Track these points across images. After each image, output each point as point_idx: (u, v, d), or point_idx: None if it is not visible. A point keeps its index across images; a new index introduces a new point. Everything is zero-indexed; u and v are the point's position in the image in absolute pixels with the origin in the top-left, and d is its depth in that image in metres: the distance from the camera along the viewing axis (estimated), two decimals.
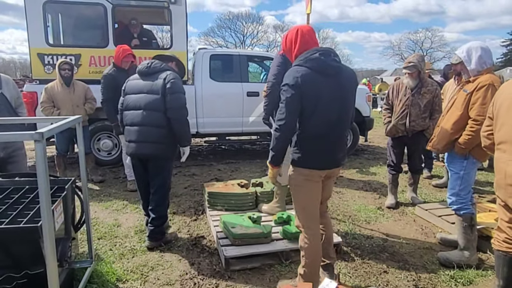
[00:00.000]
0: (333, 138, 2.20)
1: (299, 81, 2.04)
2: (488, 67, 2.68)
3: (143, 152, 2.92)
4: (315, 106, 2.09)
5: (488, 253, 3.01)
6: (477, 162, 2.77)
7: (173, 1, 5.44)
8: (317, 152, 2.18)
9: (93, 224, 3.47)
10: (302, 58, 2.12)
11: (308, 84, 2.05)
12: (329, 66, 2.11)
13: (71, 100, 4.54)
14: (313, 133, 2.15)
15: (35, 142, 1.62)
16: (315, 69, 2.08)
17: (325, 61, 2.09)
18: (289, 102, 2.06)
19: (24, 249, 1.91)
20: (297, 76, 2.05)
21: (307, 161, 2.19)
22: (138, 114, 2.88)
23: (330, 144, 2.20)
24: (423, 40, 49.98)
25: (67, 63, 4.56)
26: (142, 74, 2.96)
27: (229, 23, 47.67)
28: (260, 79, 6.95)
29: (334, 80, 2.13)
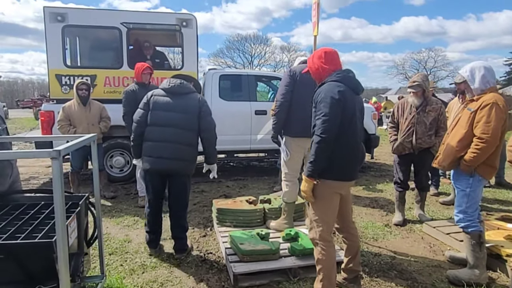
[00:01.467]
0: (357, 151, 2.41)
1: (342, 95, 2.23)
2: (492, 86, 2.72)
3: (171, 168, 3.00)
4: (350, 120, 2.29)
5: (498, 271, 2.97)
6: (483, 180, 2.78)
7: (185, 24, 5.65)
8: (347, 164, 2.34)
9: (105, 239, 3.54)
10: (340, 75, 2.34)
11: (347, 99, 2.26)
12: (360, 87, 2.40)
13: (86, 119, 4.70)
14: (346, 146, 2.30)
15: (52, 160, 1.65)
16: (350, 86, 2.32)
17: (355, 80, 2.39)
18: (334, 114, 2.20)
19: (38, 264, 1.92)
20: (340, 90, 2.25)
21: (338, 173, 2.32)
22: (170, 131, 2.96)
23: (355, 156, 2.39)
24: (427, 60, 50.36)
25: (85, 83, 4.76)
26: (172, 92, 3.04)
27: (237, 44, 48.76)
28: (268, 98, 7.08)
29: (358, 98, 2.41)
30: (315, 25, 4.29)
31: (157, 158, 2.99)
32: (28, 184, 6.06)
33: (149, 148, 3.03)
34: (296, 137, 3.39)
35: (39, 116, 5.48)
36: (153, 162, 3.01)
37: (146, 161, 3.05)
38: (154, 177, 3.08)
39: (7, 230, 2.07)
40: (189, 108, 3.01)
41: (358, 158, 2.42)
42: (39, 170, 7.26)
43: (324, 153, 2.22)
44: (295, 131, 3.36)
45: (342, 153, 2.29)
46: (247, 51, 49.07)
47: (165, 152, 2.97)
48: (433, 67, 50.12)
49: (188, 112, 3.00)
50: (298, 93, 3.35)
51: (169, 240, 3.34)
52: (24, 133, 12.08)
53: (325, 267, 2.33)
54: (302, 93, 3.31)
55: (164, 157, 2.97)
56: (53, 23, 5.28)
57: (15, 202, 2.47)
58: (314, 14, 4.34)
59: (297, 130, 3.35)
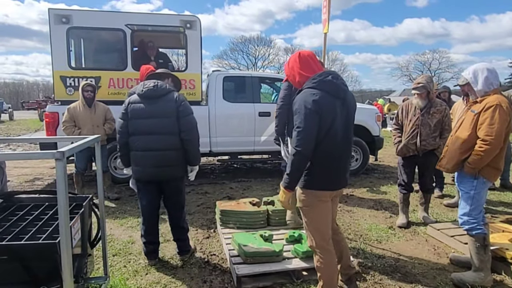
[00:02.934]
0: (343, 158, 2.26)
1: (317, 104, 2.07)
2: (495, 88, 2.70)
3: (163, 175, 2.93)
4: (329, 128, 2.13)
5: (503, 274, 2.95)
6: (488, 182, 2.75)
7: (189, 26, 5.67)
8: (329, 173, 2.22)
9: (108, 240, 3.55)
10: (315, 80, 2.16)
11: (325, 107, 2.10)
12: (341, 89, 2.19)
13: (91, 120, 4.73)
14: (326, 155, 2.17)
15: (56, 161, 1.66)
16: (328, 91, 2.14)
17: (336, 84, 2.17)
18: (308, 124, 2.07)
19: (42, 265, 1.94)
20: (315, 99, 2.08)
21: (320, 183, 2.22)
22: (154, 139, 2.85)
23: (341, 164, 2.25)
24: (431, 61, 50.27)
25: (90, 85, 4.77)
26: (147, 97, 2.89)
27: (241, 46, 48.94)
28: (272, 100, 7.07)
29: (343, 102, 2.21)
30: (325, 23, 4.23)
31: (146, 168, 2.91)
32: (33, 185, 6.10)
33: (136, 157, 2.94)
34: None
35: (44, 117, 5.52)
36: (143, 172, 2.93)
37: (136, 171, 2.97)
38: (146, 185, 3.00)
39: (11, 231, 2.08)
40: (167, 111, 2.86)
41: (343, 166, 2.27)
42: (43, 171, 7.30)
43: (300, 165, 2.14)
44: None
45: (323, 162, 2.19)
46: (250, 53, 49.29)
47: (152, 161, 2.87)
48: (437, 69, 50.11)
49: (167, 115, 2.86)
50: None
51: (172, 242, 3.34)
52: (28, 134, 12.17)
53: (325, 275, 2.29)
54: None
55: (153, 166, 2.88)
56: (58, 25, 5.32)
57: (20, 203, 2.49)
58: (325, 11, 4.28)
59: None
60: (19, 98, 54.03)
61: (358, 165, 6.68)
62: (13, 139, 3.04)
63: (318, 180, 2.21)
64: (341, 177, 2.29)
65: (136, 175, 3.01)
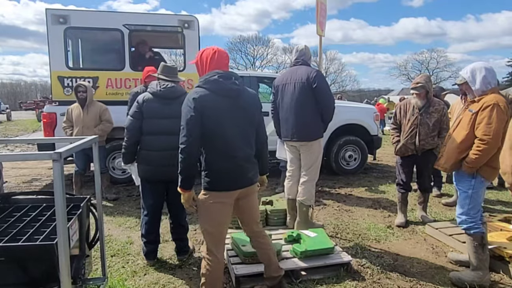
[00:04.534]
0: (239, 158, 2.20)
1: (197, 103, 2.09)
2: (493, 87, 2.71)
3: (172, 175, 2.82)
4: (215, 127, 2.13)
5: (501, 273, 2.96)
6: (485, 181, 2.76)
7: (187, 26, 5.66)
8: (224, 174, 2.18)
9: (107, 241, 3.55)
10: (202, 79, 2.19)
11: (207, 105, 2.10)
12: (227, 88, 2.17)
13: (82, 121, 4.68)
14: (216, 154, 2.17)
15: (53, 162, 1.65)
16: (213, 90, 2.14)
17: (223, 83, 2.15)
18: (189, 123, 2.09)
19: (40, 266, 1.92)
20: (195, 97, 2.11)
21: (215, 184, 2.19)
22: (167, 139, 2.84)
23: (237, 164, 2.20)
24: (429, 61, 50.41)
25: (82, 85, 4.73)
26: (164, 97, 2.92)
27: (239, 45, 48.98)
28: (270, 100, 7.07)
29: (234, 101, 2.20)
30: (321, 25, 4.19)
31: (159, 167, 2.91)
32: (30, 186, 6.08)
33: (149, 157, 2.93)
34: (284, 139, 3.75)
35: (42, 118, 5.50)
36: (155, 171, 2.93)
37: (146, 170, 2.96)
38: (155, 185, 3.00)
39: (8, 232, 2.07)
40: None
41: (240, 165, 2.21)
42: (41, 171, 7.29)
43: (187, 163, 2.12)
44: (282, 135, 3.75)
45: (214, 162, 2.17)
46: (249, 52, 49.34)
47: (164, 160, 2.88)
48: (435, 68, 50.20)
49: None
50: (280, 100, 3.69)
51: (171, 242, 3.34)
52: (26, 134, 12.14)
53: (208, 282, 2.24)
54: (282, 99, 3.66)
55: (165, 165, 2.88)
56: (56, 25, 5.30)
57: (17, 204, 2.48)
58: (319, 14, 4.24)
59: (283, 134, 3.74)
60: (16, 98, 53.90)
61: (356, 165, 6.69)
62: (10, 139, 3.03)
63: (214, 181, 2.18)
64: (238, 177, 2.22)
65: (146, 175, 2.99)
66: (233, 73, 2.27)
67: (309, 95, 3.45)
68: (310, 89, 3.44)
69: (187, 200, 2.23)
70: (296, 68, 3.61)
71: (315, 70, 3.53)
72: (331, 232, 3.86)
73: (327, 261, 2.94)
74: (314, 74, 3.45)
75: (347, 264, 2.96)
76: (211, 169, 2.18)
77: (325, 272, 2.90)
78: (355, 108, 7.09)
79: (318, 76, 3.45)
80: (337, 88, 49.80)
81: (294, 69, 3.63)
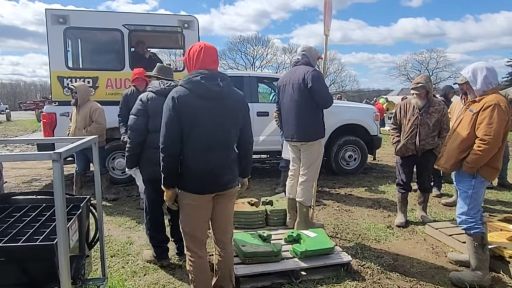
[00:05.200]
0: (212, 163, 2.16)
1: (176, 102, 2.08)
2: (494, 87, 2.71)
3: None
4: (191, 129, 2.10)
5: (501, 273, 2.96)
6: (486, 181, 2.76)
7: (187, 26, 5.66)
8: (195, 177, 2.16)
9: (106, 241, 3.54)
10: (185, 79, 2.16)
11: (184, 105, 2.08)
12: (209, 90, 2.11)
13: (75, 122, 4.67)
14: (192, 156, 2.14)
15: (53, 162, 1.64)
16: (194, 91, 2.11)
17: (204, 85, 2.11)
18: (168, 122, 2.10)
19: (40, 267, 1.92)
20: (174, 96, 2.10)
21: (187, 185, 2.18)
22: None
23: (209, 168, 2.16)
24: (428, 61, 50.46)
25: (73, 86, 4.68)
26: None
27: (239, 46, 48.99)
28: (270, 100, 7.07)
29: (216, 103, 2.15)
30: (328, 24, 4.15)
31: None
32: (30, 186, 6.08)
33: (153, 156, 2.79)
34: (286, 139, 3.78)
35: (41, 118, 5.50)
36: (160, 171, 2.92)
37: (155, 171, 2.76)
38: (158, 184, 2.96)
39: (8, 232, 2.07)
40: None
41: (215, 168, 2.17)
42: (41, 172, 7.28)
43: (167, 162, 2.13)
44: (284, 134, 3.79)
45: (190, 163, 2.15)
46: (248, 52, 49.34)
47: None
48: (435, 68, 50.23)
49: None
50: (281, 100, 3.75)
51: (171, 243, 3.33)
52: (26, 135, 12.13)
53: (196, 280, 2.27)
54: (283, 100, 3.71)
55: None
56: (55, 25, 5.30)
57: (17, 204, 2.47)
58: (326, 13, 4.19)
59: (284, 134, 3.78)
60: (16, 98, 53.92)
61: (356, 165, 6.69)
62: (10, 140, 3.03)
63: (187, 182, 2.18)
64: (209, 182, 2.18)
65: (154, 175, 2.81)
66: (218, 73, 2.21)
67: (306, 95, 3.45)
68: (306, 90, 3.44)
69: (169, 198, 2.26)
70: (295, 69, 3.61)
71: (312, 70, 3.48)
72: (331, 232, 3.86)
73: (327, 261, 2.93)
74: (309, 74, 3.43)
75: (347, 264, 2.96)
76: (185, 170, 2.17)
77: (325, 272, 2.90)
78: (355, 108, 7.09)
79: (313, 76, 3.42)
80: (337, 88, 49.81)
81: (294, 69, 3.64)
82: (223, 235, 2.40)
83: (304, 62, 3.60)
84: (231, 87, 2.24)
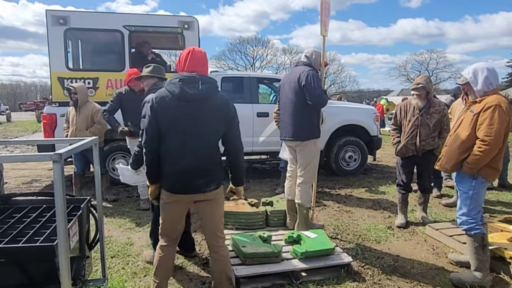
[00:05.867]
0: (183, 165, 2.18)
1: (154, 103, 2.16)
2: (495, 87, 2.71)
3: None
4: (165, 131, 2.16)
5: (501, 274, 2.95)
6: (486, 182, 2.76)
7: (187, 27, 5.67)
8: (167, 176, 2.22)
9: (107, 242, 3.54)
10: (168, 81, 2.25)
11: (162, 107, 2.15)
12: (185, 93, 2.13)
13: (76, 123, 4.66)
14: (168, 156, 2.19)
15: (53, 163, 1.64)
16: (173, 93, 2.15)
17: (181, 87, 2.14)
18: (147, 122, 2.19)
19: (40, 268, 1.91)
20: (153, 97, 2.19)
21: (163, 182, 2.27)
22: None
23: (179, 171, 2.19)
24: (428, 61, 50.54)
25: (72, 87, 4.66)
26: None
27: (239, 46, 49.05)
28: (270, 100, 7.08)
29: (193, 106, 2.16)
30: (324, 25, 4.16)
31: None
32: (30, 187, 6.07)
33: None
34: (282, 139, 3.80)
35: (41, 119, 5.50)
36: None
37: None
38: None
39: (8, 233, 2.06)
40: None
41: (189, 170, 2.18)
42: (41, 172, 7.28)
43: (147, 159, 2.23)
44: (281, 134, 3.81)
45: (166, 163, 2.21)
46: (248, 53, 49.38)
47: None
48: (435, 69, 50.30)
49: None
50: (280, 101, 3.81)
51: None
52: (26, 136, 12.13)
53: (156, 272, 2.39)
54: (281, 100, 3.75)
55: None
56: (56, 26, 5.30)
57: (17, 205, 2.47)
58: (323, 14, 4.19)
59: (281, 134, 3.79)
60: (16, 99, 53.98)
61: (356, 165, 6.69)
62: (10, 141, 3.02)
63: (163, 179, 2.27)
64: (181, 183, 2.21)
65: None
66: (201, 77, 2.19)
67: (300, 94, 3.45)
68: (300, 89, 3.44)
69: (151, 193, 2.36)
70: (294, 69, 3.65)
71: (308, 70, 3.47)
72: (331, 233, 3.85)
73: (327, 262, 2.93)
74: (304, 73, 3.43)
75: (348, 265, 2.96)
76: (162, 168, 2.25)
77: (325, 273, 2.90)
78: (355, 109, 7.09)
79: (307, 75, 3.41)
80: (337, 89, 49.81)
81: (293, 70, 3.68)
82: (213, 239, 2.40)
83: (304, 63, 3.61)
84: (212, 91, 2.21)
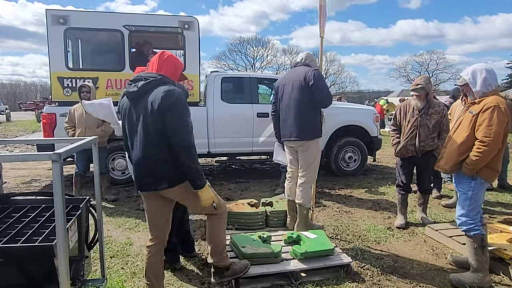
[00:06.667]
0: (136, 161, 2.29)
1: (119, 104, 2.43)
2: (494, 88, 2.71)
3: None
4: (125, 128, 2.35)
5: (501, 275, 2.95)
6: (485, 183, 2.76)
7: (187, 27, 5.67)
8: (135, 171, 2.35)
9: (106, 242, 3.53)
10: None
11: (120, 107, 2.40)
12: (127, 93, 2.28)
13: (85, 122, 4.68)
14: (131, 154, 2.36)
15: (52, 162, 1.64)
16: (125, 93, 2.34)
17: (127, 88, 2.29)
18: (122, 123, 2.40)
19: (39, 268, 1.91)
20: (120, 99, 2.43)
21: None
22: None
23: (135, 167, 2.32)
24: (428, 62, 50.61)
25: (85, 85, 4.74)
26: None
27: (239, 47, 49.10)
28: (270, 101, 7.07)
29: (133, 104, 2.27)
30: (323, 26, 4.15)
31: None
32: (30, 186, 6.07)
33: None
34: (283, 139, 3.75)
35: (41, 118, 5.49)
36: None
37: None
38: None
39: (7, 233, 2.06)
40: None
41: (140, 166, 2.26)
42: (41, 172, 7.27)
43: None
44: (282, 135, 3.76)
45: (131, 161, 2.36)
46: (249, 53, 49.39)
47: None
48: (435, 70, 50.33)
49: None
50: (280, 101, 3.74)
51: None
52: (26, 135, 12.12)
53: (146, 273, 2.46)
54: (281, 100, 3.71)
55: None
56: (55, 25, 5.30)
57: (16, 205, 2.47)
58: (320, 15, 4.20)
59: (282, 134, 3.74)
60: (16, 99, 53.96)
61: (356, 166, 6.69)
62: (10, 140, 3.02)
63: None
64: (138, 181, 2.32)
65: None
66: (146, 75, 2.24)
67: (306, 93, 3.46)
68: (307, 88, 3.44)
69: None
70: (295, 69, 3.63)
71: (313, 69, 3.52)
72: (331, 233, 3.85)
73: (327, 263, 2.93)
74: (311, 73, 3.46)
75: (347, 266, 2.95)
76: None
77: (325, 274, 2.90)
78: (354, 110, 7.09)
79: (315, 74, 3.45)
80: (337, 90, 49.86)
81: (293, 70, 3.66)
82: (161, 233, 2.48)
83: (304, 64, 3.62)
84: (149, 88, 2.19)
